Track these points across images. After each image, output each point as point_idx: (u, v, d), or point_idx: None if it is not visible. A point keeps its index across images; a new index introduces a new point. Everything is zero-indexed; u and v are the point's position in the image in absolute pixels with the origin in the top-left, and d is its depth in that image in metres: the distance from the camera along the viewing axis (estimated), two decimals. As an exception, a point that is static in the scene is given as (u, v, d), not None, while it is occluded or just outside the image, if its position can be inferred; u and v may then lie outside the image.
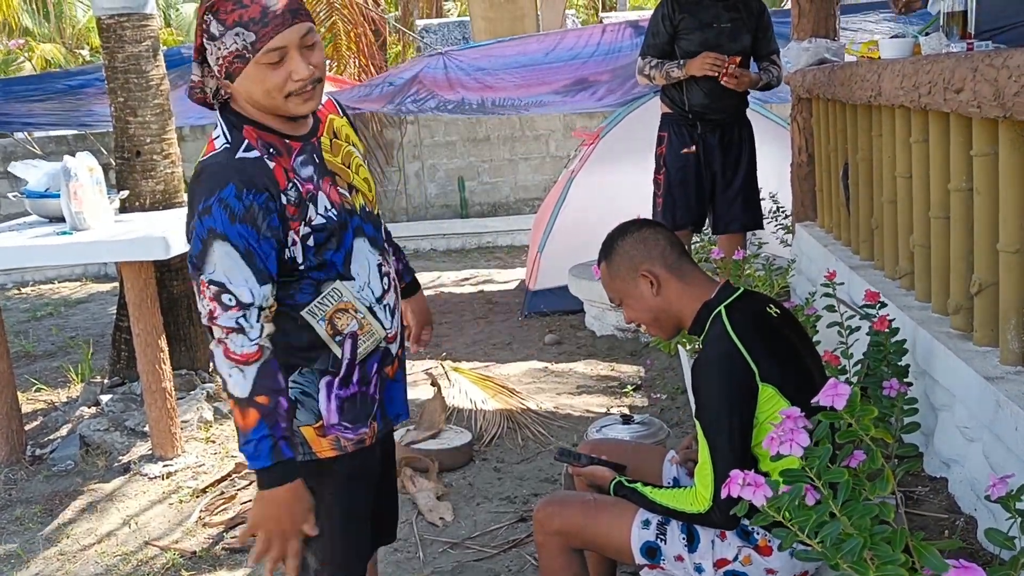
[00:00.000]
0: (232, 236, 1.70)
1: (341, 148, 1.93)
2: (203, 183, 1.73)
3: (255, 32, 1.70)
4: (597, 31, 6.43)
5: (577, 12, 20.45)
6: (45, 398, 5.27)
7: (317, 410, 1.88)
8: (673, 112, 4.30)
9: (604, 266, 2.19)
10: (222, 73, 1.75)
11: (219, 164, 1.75)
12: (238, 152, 1.76)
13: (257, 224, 1.72)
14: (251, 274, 1.72)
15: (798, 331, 2.12)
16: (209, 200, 1.70)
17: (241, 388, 1.72)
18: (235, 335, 1.72)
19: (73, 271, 9.43)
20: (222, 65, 1.74)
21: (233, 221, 1.69)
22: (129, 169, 4.79)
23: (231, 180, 1.70)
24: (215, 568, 3.27)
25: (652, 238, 2.14)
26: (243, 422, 1.73)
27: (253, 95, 1.75)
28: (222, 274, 1.71)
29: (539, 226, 6.54)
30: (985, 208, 2.33)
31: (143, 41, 4.71)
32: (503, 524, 3.38)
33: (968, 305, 2.50)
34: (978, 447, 2.29)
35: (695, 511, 1.97)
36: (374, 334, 1.92)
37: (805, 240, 4.44)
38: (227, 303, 1.72)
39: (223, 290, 1.71)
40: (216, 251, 1.70)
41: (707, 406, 1.96)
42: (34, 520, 3.75)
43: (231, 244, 1.70)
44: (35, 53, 15.06)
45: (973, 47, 2.56)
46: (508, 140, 10.30)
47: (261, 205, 1.72)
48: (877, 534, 1.44)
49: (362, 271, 1.89)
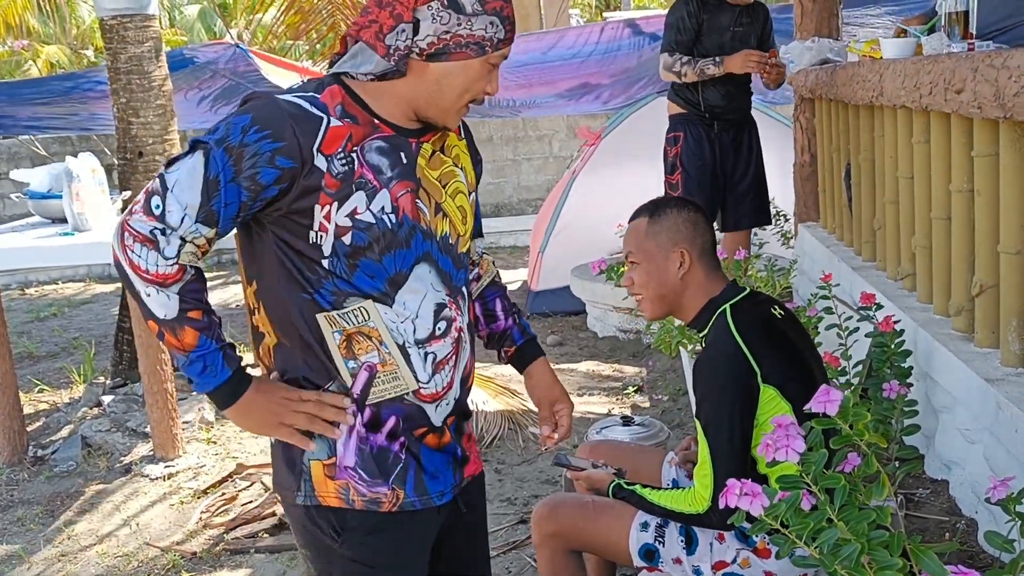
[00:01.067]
0: (211, 157, 1.46)
1: (444, 164, 1.66)
2: (238, 108, 1.54)
3: (506, 30, 1.55)
4: (596, 30, 6.43)
5: (581, 11, 20.44)
6: (47, 399, 5.27)
7: (332, 443, 1.59)
8: (688, 112, 4.28)
9: (646, 222, 2.10)
10: (434, 47, 1.51)
11: (260, 97, 1.54)
12: (293, 95, 1.53)
13: (241, 164, 1.47)
14: (196, 203, 1.47)
15: (801, 333, 2.11)
16: (223, 121, 1.50)
17: (166, 307, 1.49)
18: (143, 246, 1.46)
19: (77, 271, 9.43)
20: (448, 40, 1.50)
21: (222, 145, 1.46)
22: (131, 170, 4.79)
23: (252, 111, 1.49)
24: (216, 568, 3.27)
25: (701, 224, 2.11)
26: (179, 343, 1.50)
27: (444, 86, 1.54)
28: (173, 179, 1.47)
29: (540, 226, 6.53)
30: (986, 209, 2.32)
31: (145, 42, 4.71)
32: (503, 526, 3.38)
33: (969, 307, 2.49)
34: (979, 449, 2.28)
35: (693, 512, 1.97)
36: (398, 379, 1.58)
37: (807, 241, 4.42)
38: (151, 208, 1.46)
39: (159, 193, 1.46)
40: (190, 160, 1.48)
41: (707, 406, 1.95)
42: (35, 521, 3.75)
43: (205, 163, 1.46)
44: (40, 54, 15.09)
45: (974, 47, 2.55)
46: (511, 140, 10.29)
47: (262, 150, 1.47)
48: (875, 539, 1.44)
49: (412, 302, 1.58)
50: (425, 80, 1.54)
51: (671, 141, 4.35)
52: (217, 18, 16.47)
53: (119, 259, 1.50)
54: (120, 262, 1.50)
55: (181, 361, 1.53)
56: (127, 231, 1.47)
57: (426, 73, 1.54)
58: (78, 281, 9.29)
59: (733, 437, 1.91)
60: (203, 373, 1.52)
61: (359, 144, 1.53)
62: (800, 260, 4.56)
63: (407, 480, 1.61)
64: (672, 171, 4.34)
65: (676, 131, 4.33)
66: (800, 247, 4.64)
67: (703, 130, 4.26)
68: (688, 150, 4.28)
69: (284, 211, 1.51)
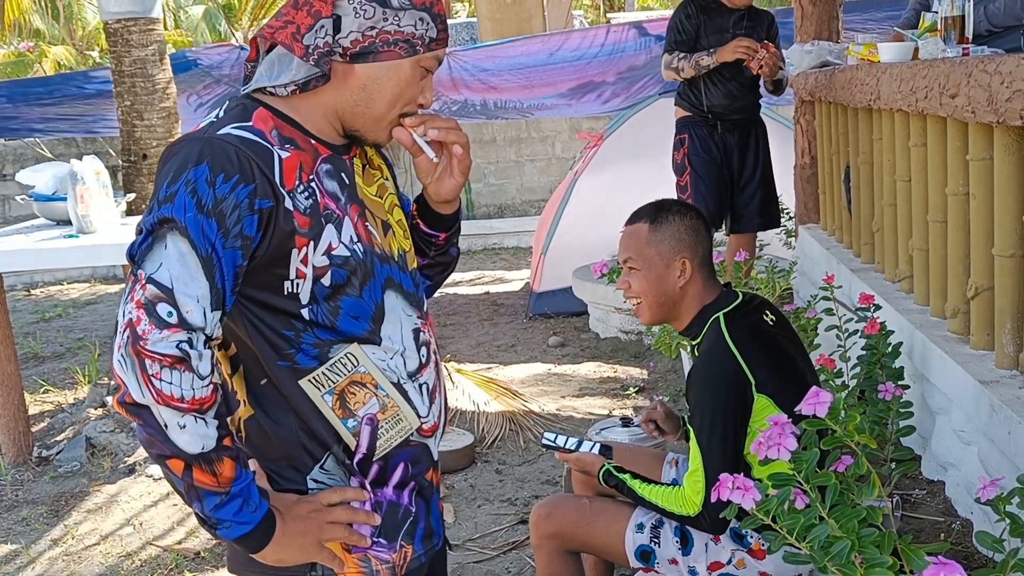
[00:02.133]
0: (193, 233, 1.23)
1: (375, 177, 1.51)
2: (169, 163, 1.28)
3: (438, 29, 1.40)
4: (602, 32, 6.45)
5: (585, 13, 20.45)
6: (52, 399, 5.31)
7: None
8: (692, 114, 4.28)
9: (647, 229, 2.08)
10: (359, 45, 1.35)
11: (193, 140, 1.30)
12: (226, 127, 1.32)
13: (225, 223, 1.25)
14: (206, 290, 1.24)
15: (792, 337, 2.14)
16: (175, 185, 1.25)
17: (204, 439, 1.24)
18: (174, 370, 1.20)
19: (82, 272, 9.48)
20: (373, 37, 1.35)
21: (199, 212, 1.24)
22: (135, 172, 4.84)
23: (204, 159, 1.26)
24: (218, 568, 3.30)
25: (702, 232, 2.12)
26: (216, 480, 1.25)
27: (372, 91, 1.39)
28: (167, 275, 1.22)
29: (543, 228, 6.55)
30: (981, 212, 2.34)
31: (149, 45, 4.75)
32: (503, 526, 3.40)
33: (965, 309, 2.51)
34: (974, 451, 2.29)
35: (683, 513, 1.99)
36: (402, 421, 1.44)
37: (808, 242, 4.44)
38: (165, 318, 1.20)
39: (163, 297, 1.21)
40: (169, 247, 1.23)
41: (701, 415, 1.97)
42: (40, 521, 3.78)
43: (190, 243, 1.23)
44: (46, 55, 15.14)
45: (969, 52, 2.57)
46: (514, 142, 10.31)
47: (239, 199, 1.26)
48: (865, 537, 1.46)
49: (395, 334, 1.43)
50: (351, 86, 1.38)
51: (677, 144, 4.35)
52: (222, 19, 16.51)
53: (135, 399, 1.21)
54: (138, 401, 1.21)
55: (212, 503, 1.26)
56: (149, 359, 1.20)
57: (351, 78, 1.38)
58: (83, 282, 9.34)
59: (726, 446, 1.93)
60: (240, 512, 1.28)
61: (312, 171, 1.37)
62: (800, 262, 4.58)
63: (416, 533, 1.47)
64: (681, 173, 4.33)
65: (681, 134, 4.34)
66: (800, 249, 4.67)
67: (707, 131, 4.26)
68: (695, 151, 4.28)
69: (259, 262, 1.32)
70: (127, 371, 1.21)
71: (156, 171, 1.35)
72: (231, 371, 1.42)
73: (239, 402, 1.42)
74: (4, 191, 10.11)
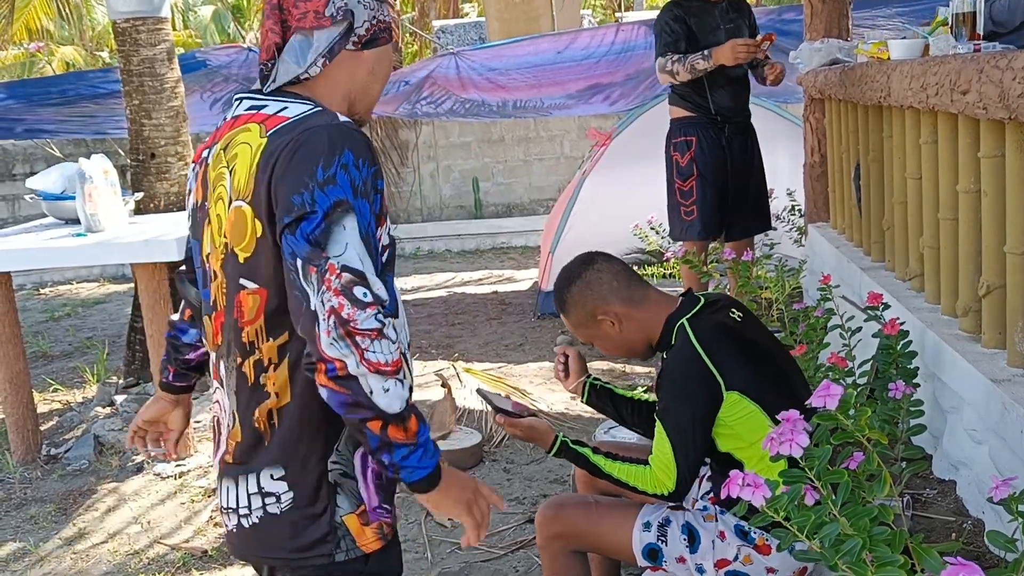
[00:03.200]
0: (360, 210, 1.38)
1: None
2: (316, 146, 1.40)
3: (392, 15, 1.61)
4: (611, 31, 6.42)
5: (594, 12, 20.42)
6: (61, 398, 5.32)
7: (357, 492, 1.54)
8: (698, 116, 4.16)
9: (564, 319, 2.22)
10: (364, 37, 1.54)
11: (321, 127, 1.42)
12: (338, 117, 1.47)
13: (371, 202, 1.41)
14: (371, 263, 1.39)
15: (762, 331, 2.16)
16: (331, 169, 1.37)
17: (402, 397, 1.39)
18: (379, 340, 1.35)
19: (91, 272, 9.51)
20: (372, 28, 1.54)
21: (357, 193, 1.38)
22: (144, 171, 4.84)
23: (346, 144, 1.40)
24: (225, 566, 3.30)
25: (596, 279, 2.14)
26: (406, 433, 1.40)
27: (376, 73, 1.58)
28: (356, 258, 1.36)
29: (551, 227, 6.54)
30: (992, 210, 2.32)
31: (158, 44, 4.75)
32: (511, 525, 3.39)
33: (976, 307, 2.49)
34: (985, 450, 2.28)
35: (654, 493, 2.04)
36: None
37: (817, 241, 4.42)
38: (362, 299, 1.34)
39: (356, 281, 1.35)
40: (347, 229, 1.36)
41: (672, 416, 2.02)
42: (48, 519, 3.79)
43: (357, 222, 1.37)
44: (55, 55, 15.18)
45: (980, 48, 2.54)
46: (523, 141, 10.30)
47: (374, 180, 1.42)
48: (876, 535, 1.44)
49: (401, 308, 1.57)
50: (361, 71, 1.55)
51: (681, 146, 4.19)
52: (230, 20, 16.54)
53: (350, 372, 1.35)
54: (351, 374, 1.35)
55: (401, 454, 1.41)
56: (360, 336, 1.34)
57: (361, 63, 1.55)
58: (92, 281, 9.37)
59: (696, 439, 1.99)
60: (421, 459, 1.43)
61: None
62: (810, 260, 4.56)
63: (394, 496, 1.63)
64: (686, 177, 4.18)
65: (687, 135, 4.18)
66: (810, 247, 4.64)
67: (715, 134, 4.16)
68: (703, 155, 4.15)
69: None
70: (344, 350, 1.34)
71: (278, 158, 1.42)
72: (277, 360, 1.49)
73: (267, 394, 1.51)
74: (13, 190, 10.15)
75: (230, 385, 1.56)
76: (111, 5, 4.77)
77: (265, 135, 1.45)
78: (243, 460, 1.56)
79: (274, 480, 1.53)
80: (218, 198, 1.51)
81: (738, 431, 1.98)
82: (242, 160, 1.46)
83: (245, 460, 1.56)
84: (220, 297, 1.53)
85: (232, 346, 1.53)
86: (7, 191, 10.20)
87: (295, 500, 1.52)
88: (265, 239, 1.43)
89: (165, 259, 4.02)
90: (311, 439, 1.51)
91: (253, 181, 1.43)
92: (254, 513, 1.55)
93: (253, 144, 1.46)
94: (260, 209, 1.43)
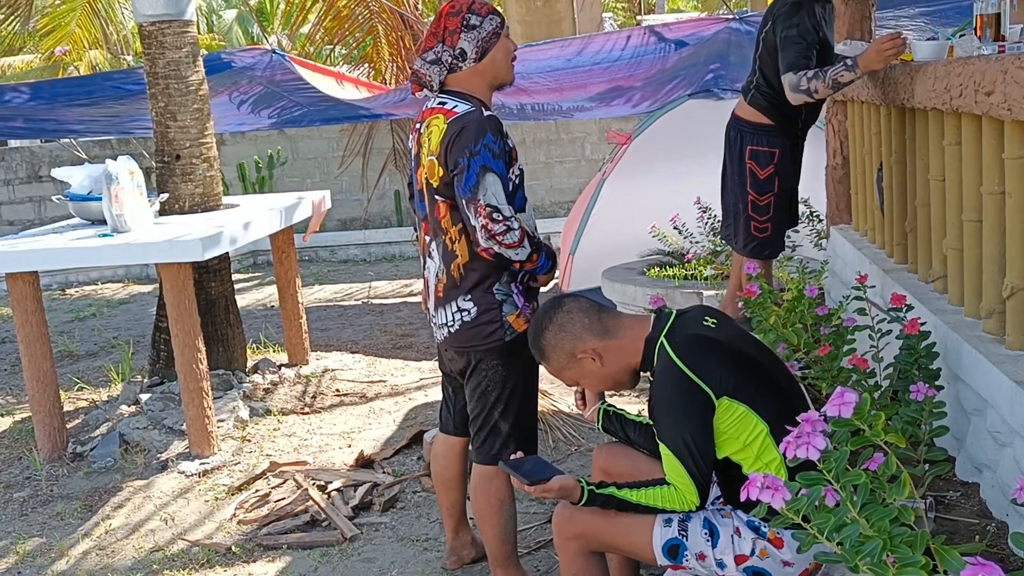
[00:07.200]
0: (496, 168, 2.52)
1: None
2: (470, 132, 2.53)
3: (498, 16, 2.66)
4: (623, 36, 6.41)
5: (615, 15, 20.41)
6: (87, 397, 5.38)
7: (514, 302, 2.68)
8: (785, 127, 3.86)
9: (546, 366, 2.28)
10: (478, 52, 2.64)
11: (478, 120, 2.57)
12: (483, 112, 2.60)
13: (504, 160, 2.56)
14: (504, 196, 2.54)
15: (737, 332, 2.18)
16: (477, 144, 2.51)
17: (524, 254, 2.60)
18: (508, 234, 2.52)
19: (116, 272, 9.61)
20: (480, 45, 2.64)
21: (495, 158, 2.52)
22: (169, 172, 4.88)
23: (488, 129, 2.54)
24: (248, 563, 3.33)
25: (568, 320, 2.21)
26: (531, 263, 2.64)
27: (498, 62, 2.67)
28: (492, 197, 2.51)
29: (571, 228, 6.55)
30: (1017, 212, 2.31)
31: (183, 47, 4.80)
32: (532, 525, 3.40)
33: (1001, 309, 2.47)
34: (1009, 452, 2.26)
35: (683, 509, 2.08)
36: None
37: (839, 243, 4.40)
38: (497, 219, 2.51)
39: (495, 210, 2.50)
40: (488, 180, 2.51)
41: (673, 437, 2.06)
42: (74, 515, 3.83)
43: (495, 174, 2.52)
44: (81, 58, 15.33)
45: (1005, 49, 2.53)
46: (544, 143, 10.31)
47: (504, 147, 2.58)
48: (897, 536, 1.44)
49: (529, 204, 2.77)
50: (487, 70, 2.69)
51: (763, 157, 3.85)
52: (254, 23, 16.66)
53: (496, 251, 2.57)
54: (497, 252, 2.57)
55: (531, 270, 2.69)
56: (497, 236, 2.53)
57: (485, 66, 2.68)
58: (117, 282, 9.47)
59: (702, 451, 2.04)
60: (542, 268, 2.70)
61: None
62: (832, 262, 4.54)
63: None
64: (763, 192, 3.88)
65: (772, 146, 3.84)
66: (832, 249, 4.62)
67: (793, 148, 3.94)
68: (784, 172, 3.89)
69: None
70: (490, 243, 2.55)
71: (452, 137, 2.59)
72: (458, 237, 2.65)
73: (456, 255, 2.67)
74: (40, 192, 10.27)
75: (439, 253, 2.73)
76: (137, 8, 4.82)
77: (446, 122, 2.61)
78: (447, 295, 2.71)
79: (464, 302, 2.68)
80: (428, 153, 2.67)
81: (734, 434, 2.04)
82: (435, 134, 2.63)
83: (448, 295, 2.71)
84: (429, 205, 2.72)
85: (437, 231, 2.72)
86: (34, 192, 10.32)
87: (478, 313, 2.67)
88: (446, 176, 2.62)
89: (189, 259, 4.06)
90: (482, 277, 2.65)
91: (440, 146, 2.60)
92: (456, 323, 2.70)
93: (440, 127, 2.62)
94: (443, 161, 2.61)
